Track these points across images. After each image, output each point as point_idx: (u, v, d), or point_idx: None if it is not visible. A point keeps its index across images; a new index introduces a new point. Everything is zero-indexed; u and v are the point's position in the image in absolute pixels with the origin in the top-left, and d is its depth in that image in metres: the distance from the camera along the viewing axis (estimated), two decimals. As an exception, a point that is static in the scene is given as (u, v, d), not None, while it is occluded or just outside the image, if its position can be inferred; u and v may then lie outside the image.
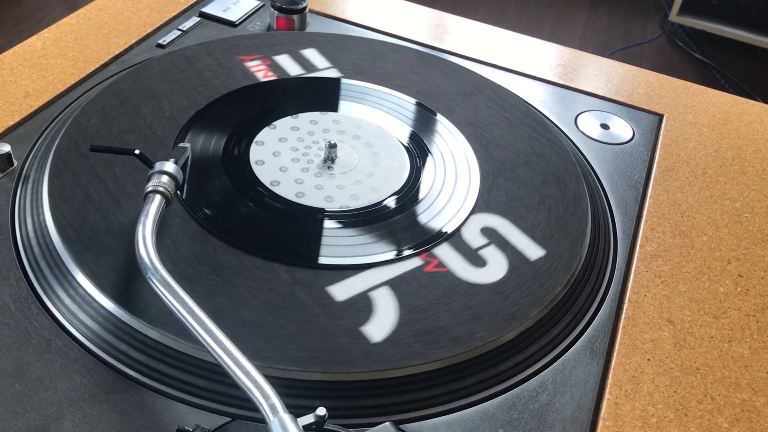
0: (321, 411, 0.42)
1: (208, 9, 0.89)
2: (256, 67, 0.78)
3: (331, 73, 0.79)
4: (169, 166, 0.56)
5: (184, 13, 0.89)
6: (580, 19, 2.62)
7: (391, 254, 0.58)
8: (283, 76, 0.77)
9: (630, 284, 0.61)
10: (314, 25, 0.90)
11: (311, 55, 0.81)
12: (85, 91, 0.74)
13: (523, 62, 0.88)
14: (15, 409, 0.47)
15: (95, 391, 0.48)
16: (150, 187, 0.55)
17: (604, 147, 0.76)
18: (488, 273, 0.58)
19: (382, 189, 0.65)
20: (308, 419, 0.42)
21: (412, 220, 0.62)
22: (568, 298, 0.57)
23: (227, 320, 0.51)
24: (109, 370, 0.50)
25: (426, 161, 0.69)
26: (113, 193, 0.60)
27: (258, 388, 0.42)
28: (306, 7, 0.87)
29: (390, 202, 0.64)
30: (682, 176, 0.73)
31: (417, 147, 0.70)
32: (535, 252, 0.60)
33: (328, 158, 0.67)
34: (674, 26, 2.55)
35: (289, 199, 0.63)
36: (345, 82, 0.78)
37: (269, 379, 0.43)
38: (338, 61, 0.80)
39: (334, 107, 0.74)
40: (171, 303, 0.47)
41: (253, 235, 0.59)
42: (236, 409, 0.48)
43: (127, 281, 0.53)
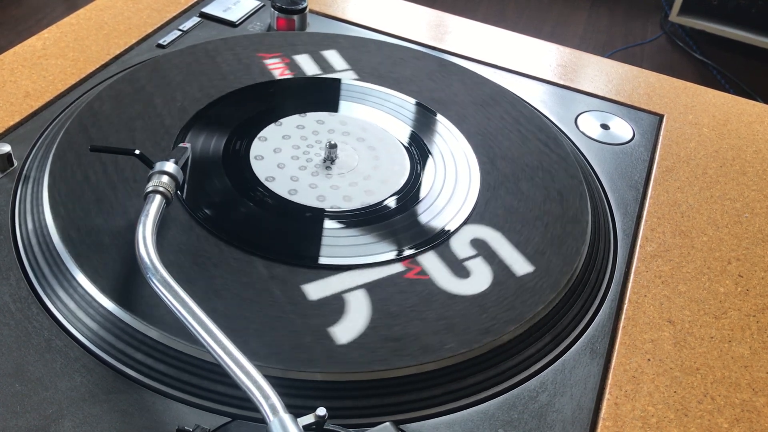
0: (321, 411, 0.42)
1: (208, 9, 0.89)
2: (275, 65, 0.78)
3: (348, 75, 0.79)
4: (170, 166, 0.56)
5: (185, 14, 0.89)
6: (581, 19, 2.62)
7: (374, 258, 0.58)
8: (299, 75, 0.77)
9: (630, 284, 0.61)
10: (314, 25, 0.90)
11: (331, 56, 0.81)
12: (86, 92, 0.74)
13: (523, 62, 0.88)
14: (15, 409, 0.47)
15: (95, 391, 0.48)
16: (150, 187, 0.55)
17: (604, 147, 0.76)
18: (470, 285, 0.57)
19: (377, 192, 0.65)
20: (308, 419, 0.42)
21: (402, 225, 0.62)
22: (552, 316, 0.56)
23: None
24: (109, 370, 0.50)
25: (426, 167, 0.68)
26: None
27: (258, 388, 0.42)
28: (306, 7, 0.87)
29: (383, 205, 0.63)
30: (682, 176, 0.73)
31: (420, 152, 0.70)
32: (523, 267, 0.59)
33: (328, 158, 0.67)
34: (674, 26, 2.55)
35: (281, 195, 0.63)
36: (358, 84, 0.77)
37: (269, 379, 0.43)
38: (357, 64, 0.80)
39: (344, 108, 0.74)
40: (171, 303, 0.47)
41: (236, 227, 0.59)
42: (236, 409, 0.48)
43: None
